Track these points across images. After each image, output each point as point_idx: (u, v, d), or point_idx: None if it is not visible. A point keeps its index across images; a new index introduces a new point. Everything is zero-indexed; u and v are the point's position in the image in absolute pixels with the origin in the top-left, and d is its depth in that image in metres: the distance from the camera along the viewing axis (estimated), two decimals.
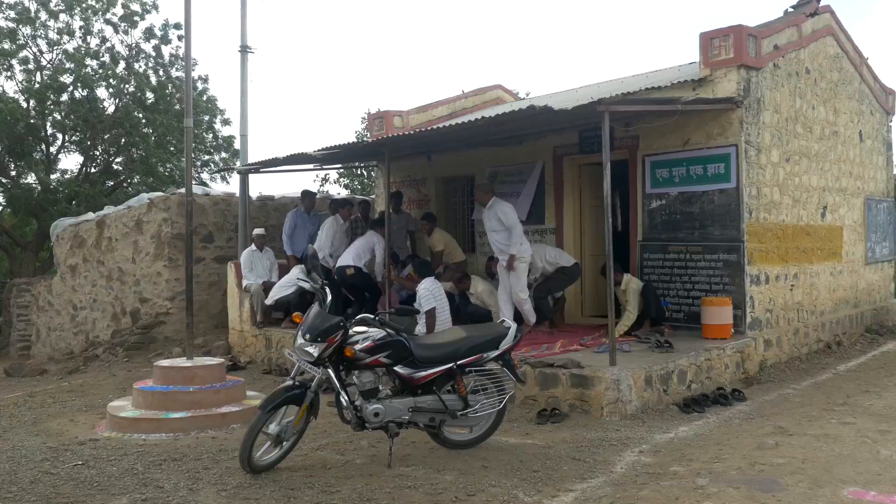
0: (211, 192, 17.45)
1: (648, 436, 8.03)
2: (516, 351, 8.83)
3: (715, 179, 11.61)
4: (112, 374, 14.05)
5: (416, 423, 7.20)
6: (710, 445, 7.62)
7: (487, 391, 7.45)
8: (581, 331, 12.19)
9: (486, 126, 10.98)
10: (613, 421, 8.63)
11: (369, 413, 6.90)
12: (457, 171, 15.77)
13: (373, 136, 16.52)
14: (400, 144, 13.26)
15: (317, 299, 7.23)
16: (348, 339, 6.87)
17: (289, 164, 15.01)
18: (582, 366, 9.26)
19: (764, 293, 11.87)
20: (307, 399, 6.85)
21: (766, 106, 11.95)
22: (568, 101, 11.47)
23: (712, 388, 10.08)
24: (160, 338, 16.18)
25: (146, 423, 9.11)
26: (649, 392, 9.23)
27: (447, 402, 7.20)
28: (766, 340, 11.75)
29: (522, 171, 14.37)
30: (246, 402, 9.91)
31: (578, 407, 9.03)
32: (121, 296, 17.39)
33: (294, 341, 6.95)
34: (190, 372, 9.83)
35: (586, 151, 13.21)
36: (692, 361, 10.01)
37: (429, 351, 7.16)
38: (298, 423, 6.94)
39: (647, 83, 12.37)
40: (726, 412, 9.16)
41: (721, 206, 11.57)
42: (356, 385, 6.98)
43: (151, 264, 16.57)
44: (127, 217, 17.25)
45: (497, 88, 18.93)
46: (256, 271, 14.52)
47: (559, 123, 12.05)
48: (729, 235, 11.51)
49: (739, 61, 11.33)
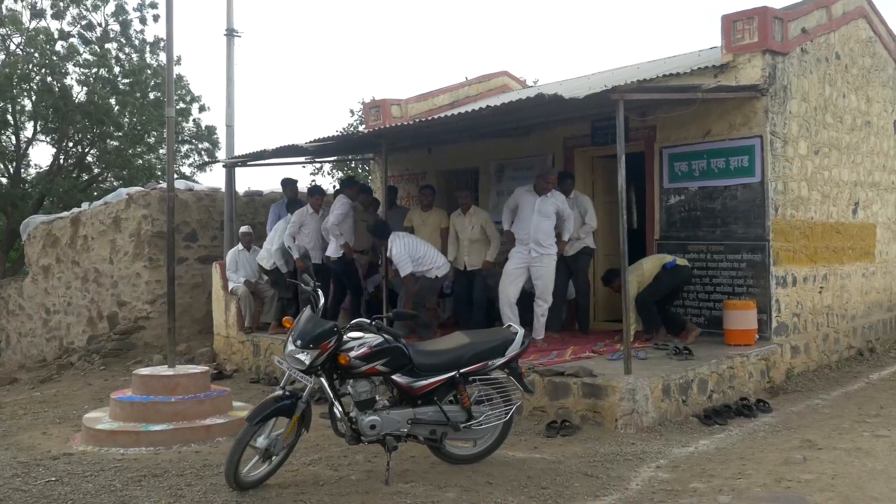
0: (194, 187, 17.47)
1: (666, 450, 8.03)
2: (524, 358, 8.82)
3: (738, 173, 11.61)
4: (88, 384, 14.06)
5: (416, 437, 7.20)
6: (733, 460, 7.62)
7: (492, 402, 7.44)
8: (593, 337, 12.19)
9: (491, 116, 10.98)
10: (628, 434, 8.63)
11: (365, 425, 6.89)
12: (459, 164, 15.77)
13: (369, 127, 16.53)
14: (398, 135, 13.28)
15: (308, 302, 7.23)
16: (343, 346, 6.87)
17: (278, 156, 15.03)
18: (594, 374, 9.26)
19: (791, 296, 11.87)
20: (298, 410, 6.83)
21: (793, 94, 11.95)
22: (579, 88, 11.48)
23: (735, 398, 10.09)
24: (139, 344, 16.20)
25: (124, 437, 9.11)
26: (667, 403, 9.23)
27: (449, 414, 7.19)
28: (793, 347, 11.75)
29: (530, 164, 14.36)
30: (232, 413, 9.92)
31: (591, 419, 9.03)
32: (97, 299, 17.40)
33: (284, 348, 6.94)
34: (172, 381, 9.84)
35: (599, 143, 13.22)
36: (713, 369, 10.01)
37: (429, 358, 7.16)
38: (289, 437, 6.93)
39: (664, 69, 12.36)
40: (750, 424, 9.17)
41: (744, 201, 11.57)
42: (351, 395, 6.98)
43: (130, 265, 16.58)
44: (104, 214, 17.26)
45: (503, 75, 18.95)
46: (243, 272, 14.52)
47: (570, 113, 12.04)
48: (753, 234, 11.51)
49: (764, 46, 11.33)
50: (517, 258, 11.51)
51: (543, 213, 11.40)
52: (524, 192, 11.59)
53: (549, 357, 10.46)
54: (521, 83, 19.81)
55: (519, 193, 11.64)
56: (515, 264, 11.51)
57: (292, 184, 15.18)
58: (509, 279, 11.51)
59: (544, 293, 11.47)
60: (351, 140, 14.17)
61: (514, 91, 18.25)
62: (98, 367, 15.51)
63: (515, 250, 11.57)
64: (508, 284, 11.49)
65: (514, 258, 11.56)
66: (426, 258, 12.04)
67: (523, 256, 11.46)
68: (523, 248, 11.47)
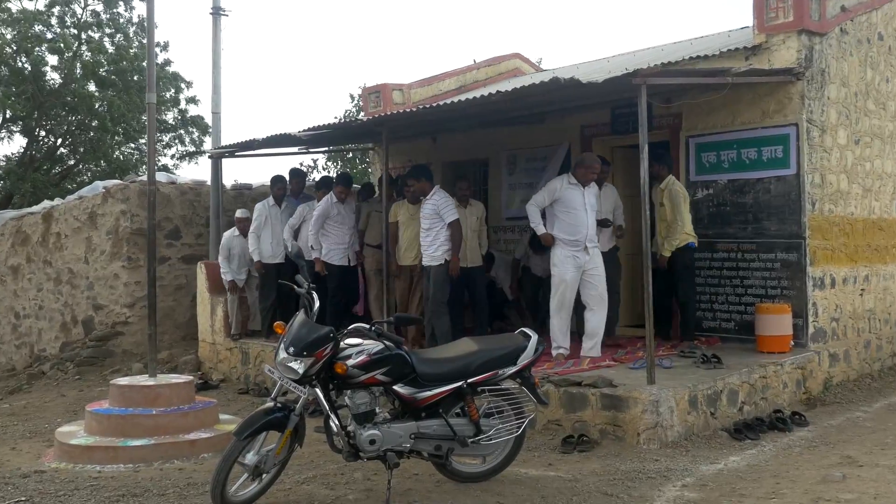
0: (177, 180, 17.48)
1: (693, 467, 8.03)
2: (537, 367, 8.83)
3: (771, 165, 11.60)
4: (61, 395, 14.08)
5: (420, 452, 7.19)
6: (766, 478, 7.62)
7: (503, 414, 7.43)
8: (614, 343, 12.17)
9: (501, 102, 10.99)
10: (652, 449, 8.63)
11: (364, 440, 6.89)
12: (467, 154, 15.78)
13: (368, 114, 16.54)
14: (400, 123, 13.28)
15: (302, 305, 7.23)
16: (339, 353, 6.87)
17: (268, 146, 15.05)
18: (615, 384, 9.26)
19: (829, 299, 11.86)
20: (291, 424, 6.82)
21: (832, 78, 11.94)
22: (598, 72, 11.47)
23: (768, 410, 10.08)
24: (118, 351, 16.22)
25: (101, 452, 9.13)
26: (694, 415, 9.24)
27: (456, 428, 7.18)
28: (832, 354, 11.74)
29: (545, 154, 14.38)
30: (219, 427, 9.94)
31: (610, 433, 9.03)
32: (71, 302, 17.43)
33: (275, 355, 6.95)
34: (153, 392, 9.86)
35: (620, 132, 13.23)
36: (744, 379, 10.01)
37: (434, 367, 7.15)
38: (280, 452, 6.92)
39: (691, 52, 12.36)
40: (784, 439, 9.17)
41: (778, 196, 11.56)
42: (349, 407, 6.97)
43: (107, 265, 16.61)
44: (78, 209, 17.28)
45: (515, 58, 18.96)
46: (236, 262, 14.49)
47: (588, 99, 12.03)
48: (788, 231, 11.50)
49: (800, 25, 11.32)
50: (570, 263, 10.72)
51: (593, 206, 10.93)
52: (566, 186, 10.80)
53: (565, 366, 10.46)
54: (534, 66, 19.82)
55: (559, 187, 10.84)
56: (573, 272, 10.73)
57: (301, 175, 14.95)
58: (570, 290, 10.81)
59: (601, 301, 10.87)
60: (349, 128, 14.17)
61: (526, 75, 18.27)
62: (72, 376, 15.54)
63: (564, 254, 10.73)
64: (571, 297, 10.84)
65: (566, 263, 10.72)
66: None
67: (577, 260, 10.71)
68: (575, 250, 10.70)
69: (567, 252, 10.73)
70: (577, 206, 10.73)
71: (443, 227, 11.62)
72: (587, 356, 10.82)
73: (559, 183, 10.89)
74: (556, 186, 10.84)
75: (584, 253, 10.70)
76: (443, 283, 11.68)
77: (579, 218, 10.70)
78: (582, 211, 10.73)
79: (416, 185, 11.92)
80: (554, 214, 10.88)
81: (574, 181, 10.81)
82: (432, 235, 11.68)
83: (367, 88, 17.78)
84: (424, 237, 11.77)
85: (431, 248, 11.68)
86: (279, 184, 14.26)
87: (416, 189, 11.96)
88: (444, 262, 11.63)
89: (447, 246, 11.62)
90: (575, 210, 10.73)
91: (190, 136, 32.70)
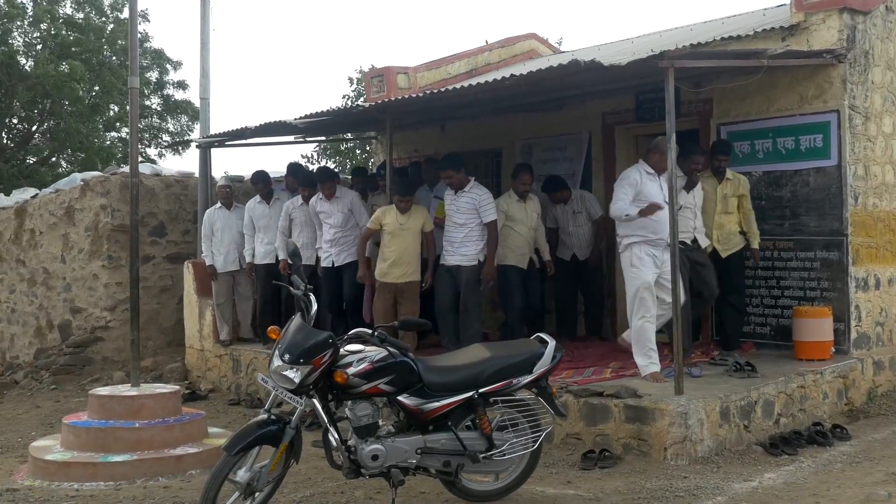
0: (163, 172, 17.49)
1: (725, 485, 8.03)
2: (555, 375, 8.83)
3: (810, 155, 11.59)
4: (35, 406, 14.11)
5: (427, 469, 7.20)
6: (804, 497, 7.62)
7: (518, 427, 7.45)
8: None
9: (516, 86, 10.98)
10: (680, 465, 8.64)
11: (366, 455, 6.90)
12: (478, 143, 15.77)
13: (370, 100, 16.55)
14: (406, 110, 13.29)
15: (298, 308, 7.24)
16: (339, 361, 6.88)
17: (262, 135, 15.07)
18: (639, 395, 9.28)
19: (873, 301, 11.85)
20: (286, 438, 6.83)
21: (877, 60, 11.92)
22: (622, 54, 11.47)
23: (807, 423, 10.08)
24: (97, 358, 16.24)
25: (79, 469, 9.15)
26: (726, 429, 9.23)
27: (466, 442, 7.18)
28: (877, 362, 11.73)
29: (563, 144, 14.37)
30: (207, 441, 9.96)
31: (635, 447, 9.04)
32: (47, 305, 17.46)
33: (269, 363, 6.96)
34: (135, 403, 9.88)
35: (645, 119, 13.23)
36: (781, 389, 10.01)
37: (442, 376, 7.16)
38: (275, 469, 6.92)
39: (722, 32, 12.35)
40: (825, 454, 9.16)
41: (818, 189, 11.54)
42: (349, 419, 6.99)
43: (86, 264, 16.63)
44: (54, 204, 17.31)
45: (530, 38, 18.93)
46: (219, 239, 14.32)
47: (610, 83, 12.05)
48: (828, 227, 11.48)
49: (842, 3, 11.29)
50: (650, 263, 10.23)
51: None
52: (646, 178, 10.32)
53: (584, 374, 10.47)
54: (551, 48, 19.80)
55: (638, 178, 10.29)
56: (653, 275, 10.22)
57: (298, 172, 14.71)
58: (652, 295, 10.23)
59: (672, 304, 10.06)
60: (349, 115, 14.15)
61: (543, 57, 18.25)
62: (47, 385, 15.55)
63: (643, 252, 10.21)
64: (654, 302, 10.26)
65: (645, 263, 10.21)
66: None
67: (656, 259, 10.23)
68: (655, 249, 10.20)
69: (645, 249, 10.22)
70: (657, 201, 10.14)
71: (478, 225, 11.66)
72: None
73: (637, 174, 10.34)
74: (635, 176, 10.31)
75: (661, 253, 10.20)
76: (476, 285, 11.73)
77: (659, 214, 10.08)
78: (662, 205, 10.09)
79: (456, 177, 11.75)
80: None
81: (651, 172, 10.38)
82: (465, 232, 11.69)
83: (368, 72, 17.80)
84: (455, 233, 11.76)
85: (465, 247, 11.70)
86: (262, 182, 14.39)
87: (455, 181, 11.77)
88: (477, 263, 11.69)
89: (481, 245, 11.69)
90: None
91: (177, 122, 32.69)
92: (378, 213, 12.30)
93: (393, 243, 12.08)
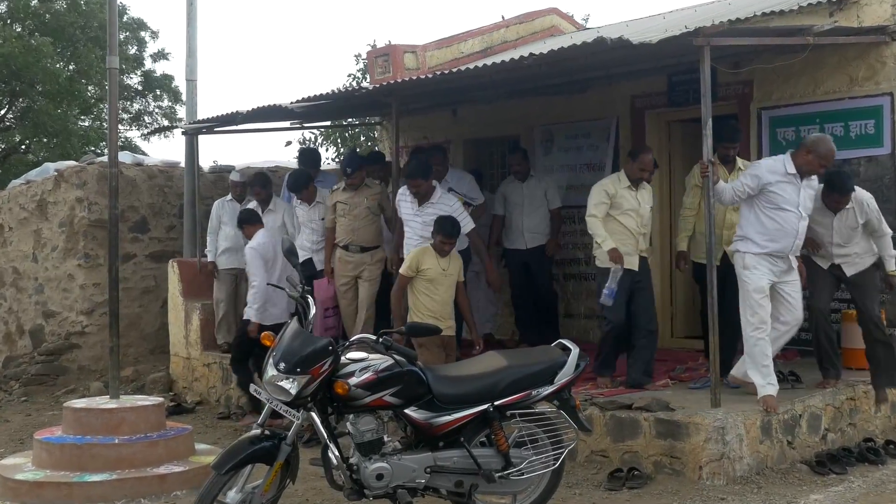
0: (145, 161, 17.50)
1: None
2: (578, 386, 8.84)
3: (861, 142, 11.59)
4: (4, 420, 14.14)
5: (437, 489, 7.22)
6: None
7: (538, 444, 7.45)
8: (670, 358, 12.18)
9: (535, 66, 10.96)
10: (717, 486, 8.65)
11: (370, 475, 6.92)
12: (493, 130, 15.79)
13: (375, 82, 16.55)
14: (414, 92, 13.33)
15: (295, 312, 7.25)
16: (340, 370, 6.90)
17: (254, 121, 15.08)
18: (672, 408, 9.30)
19: None
20: (281, 455, 6.85)
21: None
22: (652, 30, 11.46)
23: (857, 439, 10.08)
24: (72, 367, 16.26)
25: (53, 489, 9.18)
26: (767, 445, 9.24)
27: (480, 460, 7.20)
28: None
29: (588, 130, 14.37)
30: (194, 459, 9.97)
31: (667, 466, 9.06)
32: (16, 308, 17.51)
33: (263, 373, 6.98)
34: (115, 416, 9.90)
35: (678, 103, 13.21)
36: (829, 402, 10.02)
37: (454, 387, 7.17)
38: (269, 490, 6.93)
39: (763, 6, 12.31)
40: (877, 473, 9.17)
41: (869, 179, 11.50)
42: (351, 435, 7.01)
43: (60, 263, 16.66)
44: (25, 196, 17.35)
45: (551, 13, 18.89)
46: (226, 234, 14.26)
47: (640, 63, 12.05)
48: None
49: None
50: (767, 273, 9.75)
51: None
52: (780, 179, 9.68)
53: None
54: (575, 24, 19.76)
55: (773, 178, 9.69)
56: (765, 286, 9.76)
57: None
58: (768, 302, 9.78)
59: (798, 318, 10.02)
60: (351, 99, 14.18)
61: (565, 34, 18.21)
62: (17, 397, 15.59)
63: (758, 261, 9.73)
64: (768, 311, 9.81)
65: (761, 272, 9.72)
66: None
67: (775, 270, 9.80)
68: (778, 259, 9.78)
69: (763, 259, 9.74)
70: (789, 206, 9.66)
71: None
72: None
73: (770, 172, 9.74)
74: (767, 172, 9.72)
75: (782, 263, 9.79)
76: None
77: (788, 220, 9.64)
78: (794, 212, 9.67)
79: (424, 185, 11.24)
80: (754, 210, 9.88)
81: (787, 174, 9.70)
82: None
83: (373, 51, 17.76)
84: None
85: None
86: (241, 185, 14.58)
87: (423, 189, 11.27)
88: None
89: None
90: (786, 209, 9.67)
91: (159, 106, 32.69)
92: (414, 258, 10.65)
93: (435, 292, 10.57)
